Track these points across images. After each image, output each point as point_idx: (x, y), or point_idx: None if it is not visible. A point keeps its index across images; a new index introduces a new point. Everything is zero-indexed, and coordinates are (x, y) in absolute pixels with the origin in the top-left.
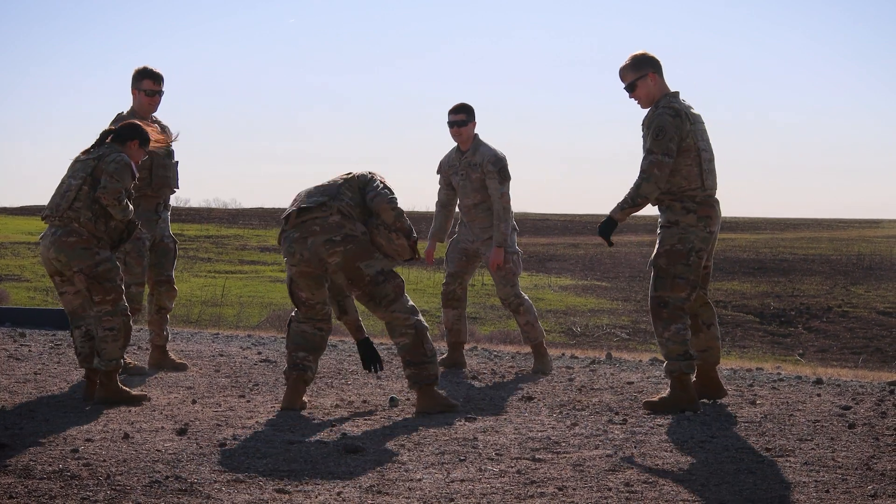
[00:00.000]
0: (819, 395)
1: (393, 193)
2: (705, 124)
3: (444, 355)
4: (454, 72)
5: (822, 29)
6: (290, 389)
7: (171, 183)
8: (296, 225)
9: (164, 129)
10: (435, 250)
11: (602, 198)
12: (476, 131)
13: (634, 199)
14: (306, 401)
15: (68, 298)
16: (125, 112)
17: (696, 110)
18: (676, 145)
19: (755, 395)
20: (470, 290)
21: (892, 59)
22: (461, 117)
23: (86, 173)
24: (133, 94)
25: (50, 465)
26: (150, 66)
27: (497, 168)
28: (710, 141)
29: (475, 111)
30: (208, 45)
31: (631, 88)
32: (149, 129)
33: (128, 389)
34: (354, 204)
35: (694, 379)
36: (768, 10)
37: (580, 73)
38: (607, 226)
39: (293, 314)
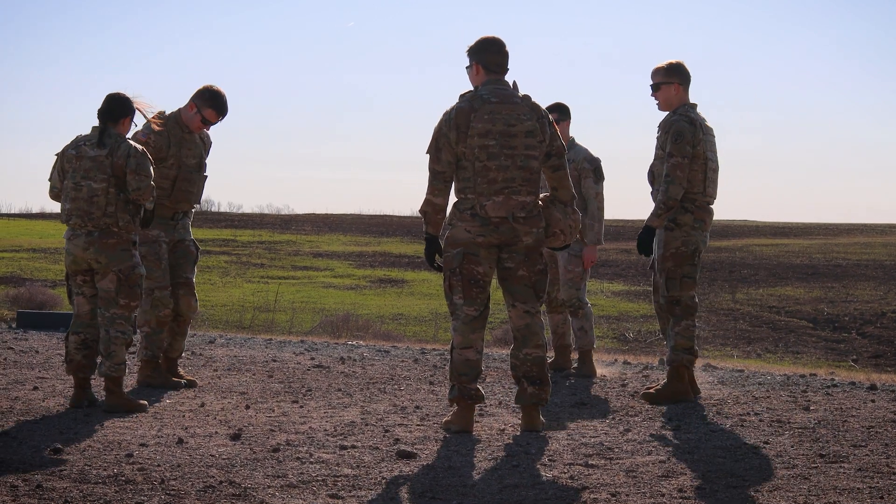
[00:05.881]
0: (873, 400)
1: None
2: (716, 138)
3: (552, 359)
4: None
5: (865, 29)
6: (465, 414)
7: (191, 198)
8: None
9: (203, 141)
10: None
11: (651, 202)
12: (572, 134)
13: (667, 203)
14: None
15: (81, 301)
16: (167, 112)
17: (709, 123)
18: (691, 150)
19: (809, 400)
20: None
21: None
22: (553, 116)
23: (106, 174)
24: (191, 107)
25: (105, 470)
26: (220, 92)
27: (593, 167)
28: (718, 154)
29: (570, 111)
30: (261, 49)
31: (655, 88)
32: (139, 106)
33: (132, 398)
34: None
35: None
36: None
37: (633, 76)
38: (648, 235)
39: (454, 339)
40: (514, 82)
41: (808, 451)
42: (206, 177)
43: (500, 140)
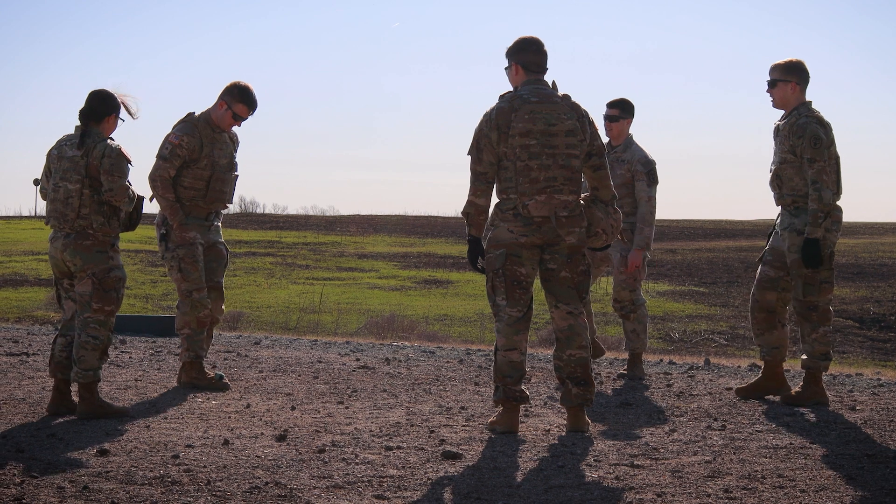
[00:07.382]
0: None
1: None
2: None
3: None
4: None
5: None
6: (510, 415)
7: (225, 198)
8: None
9: (232, 139)
10: None
11: (697, 202)
12: (631, 131)
13: (823, 210)
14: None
15: (70, 305)
16: (197, 113)
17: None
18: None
19: (855, 400)
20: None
21: None
22: (614, 112)
23: (80, 175)
24: (220, 105)
25: (151, 471)
26: (249, 87)
27: (647, 170)
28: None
29: (633, 108)
30: (306, 52)
31: (772, 85)
32: (122, 98)
33: (109, 402)
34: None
35: (760, 374)
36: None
37: (695, 73)
38: (816, 248)
39: (498, 341)
40: (554, 82)
41: (854, 451)
42: (237, 175)
43: (540, 139)
